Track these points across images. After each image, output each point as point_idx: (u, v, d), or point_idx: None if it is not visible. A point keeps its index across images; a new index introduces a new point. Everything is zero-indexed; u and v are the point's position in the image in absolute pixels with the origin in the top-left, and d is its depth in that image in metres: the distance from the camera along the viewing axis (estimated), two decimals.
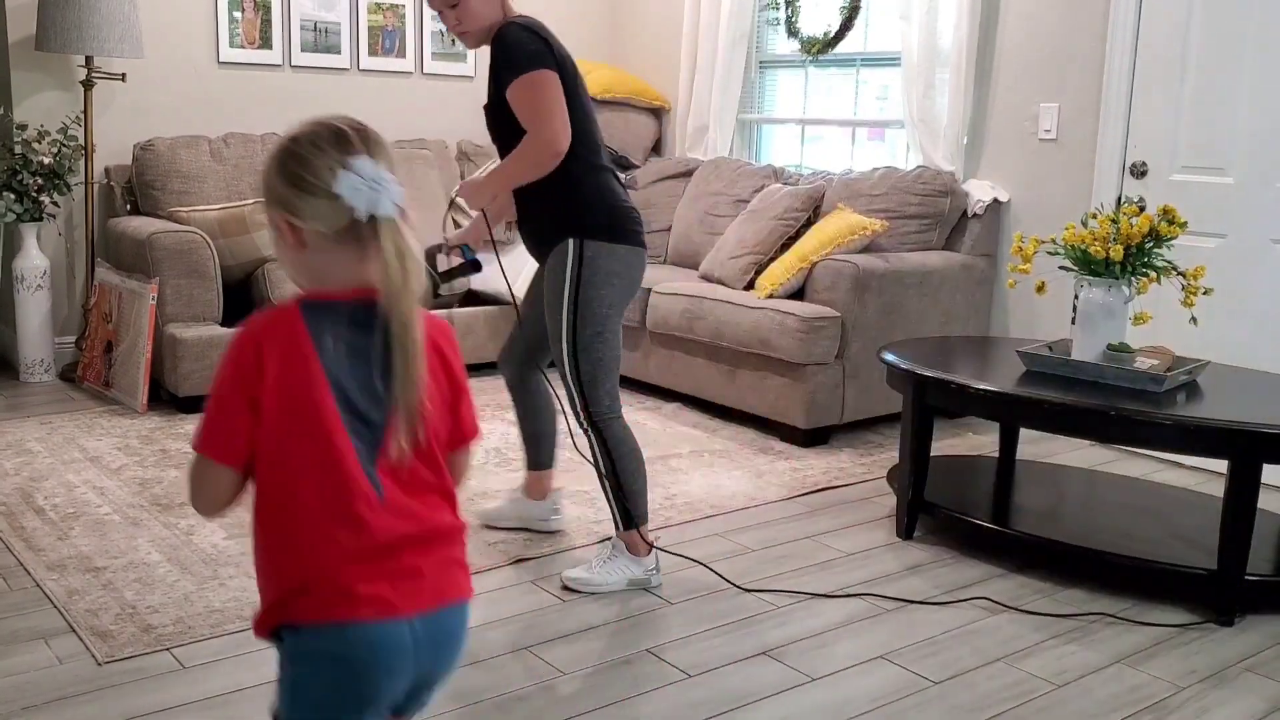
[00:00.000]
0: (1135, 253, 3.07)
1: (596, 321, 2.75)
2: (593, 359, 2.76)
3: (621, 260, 2.77)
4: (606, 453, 2.80)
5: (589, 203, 2.75)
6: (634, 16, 6.16)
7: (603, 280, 2.74)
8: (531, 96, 2.61)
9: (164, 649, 2.48)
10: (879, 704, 2.37)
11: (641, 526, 2.85)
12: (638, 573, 2.86)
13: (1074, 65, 4.35)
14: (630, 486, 2.82)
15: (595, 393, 2.78)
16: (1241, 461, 2.73)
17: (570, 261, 2.73)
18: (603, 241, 2.74)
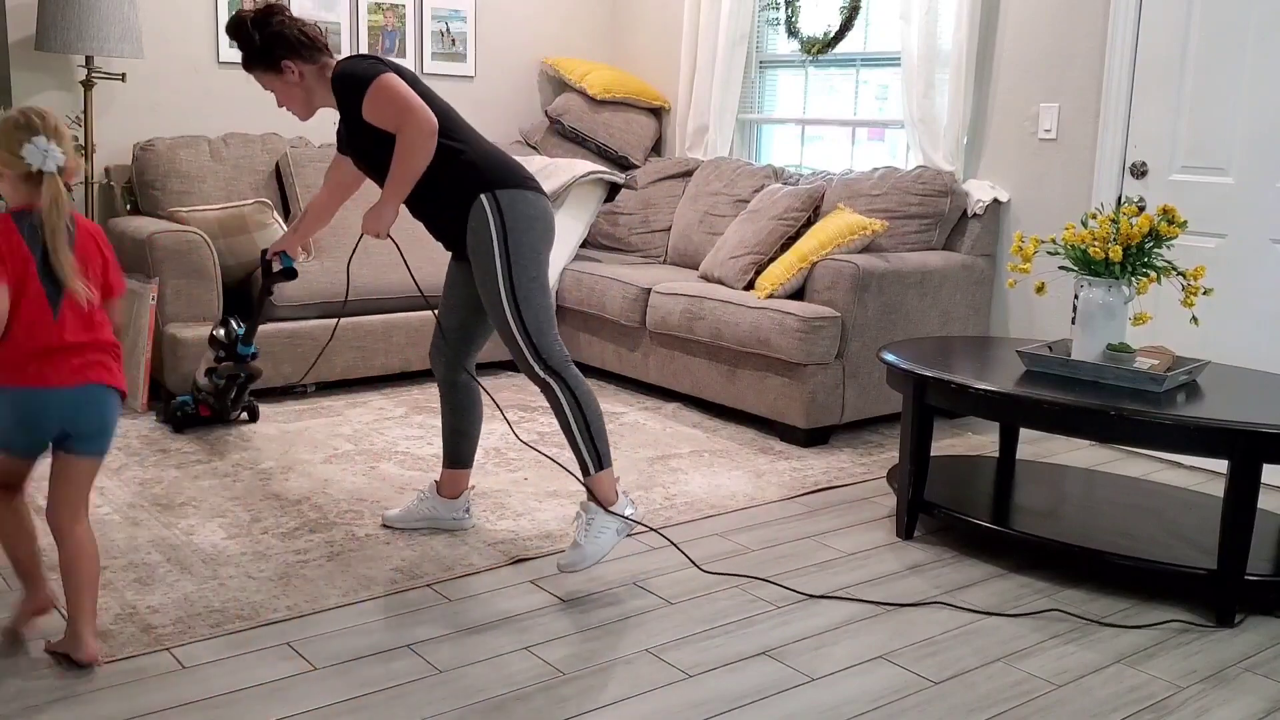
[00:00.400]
0: (1135, 253, 3.07)
1: (530, 266, 2.78)
2: (534, 306, 2.78)
3: (534, 205, 2.82)
4: (571, 395, 2.81)
5: (483, 162, 2.82)
6: (634, 16, 6.16)
7: (526, 225, 2.79)
8: (385, 97, 2.71)
9: (164, 649, 2.48)
10: (879, 704, 2.37)
11: (609, 468, 2.86)
12: (618, 524, 2.86)
13: (1074, 65, 4.35)
14: (596, 425, 2.83)
15: (545, 340, 2.80)
16: (1241, 461, 2.73)
17: (490, 215, 2.77)
18: (513, 188, 2.80)
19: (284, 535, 3.15)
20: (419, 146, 2.69)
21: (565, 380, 2.81)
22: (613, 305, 4.81)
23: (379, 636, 2.58)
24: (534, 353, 2.80)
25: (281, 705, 2.27)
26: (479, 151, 2.85)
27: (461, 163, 2.81)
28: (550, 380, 2.81)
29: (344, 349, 4.62)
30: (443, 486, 3.18)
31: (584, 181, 5.08)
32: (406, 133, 2.68)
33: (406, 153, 2.70)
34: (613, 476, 2.88)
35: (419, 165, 2.72)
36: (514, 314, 2.78)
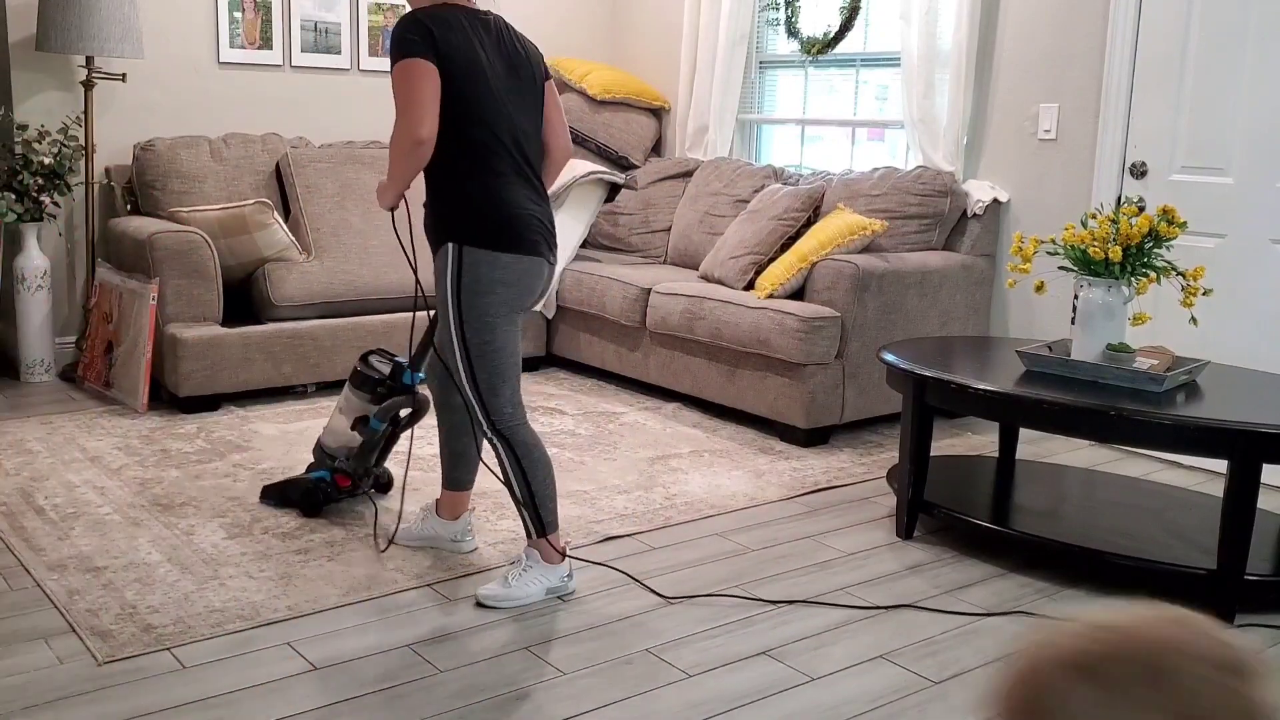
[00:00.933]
0: (1135, 253, 3.07)
1: (484, 330, 2.67)
2: (488, 367, 2.68)
3: (505, 268, 2.65)
4: (515, 460, 2.72)
5: (474, 207, 2.64)
6: (634, 16, 6.16)
7: (485, 288, 2.64)
8: (401, 83, 2.56)
9: (164, 649, 2.48)
10: (879, 704, 2.37)
11: (552, 535, 2.78)
12: (554, 580, 2.79)
13: (1074, 65, 4.35)
14: (541, 493, 2.74)
15: (495, 401, 2.70)
16: (1241, 461, 2.73)
17: (450, 267, 2.65)
18: (483, 249, 2.63)
19: (284, 535, 3.15)
20: (400, 151, 2.58)
21: (511, 445, 2.71)
22: (613, 305, 4.81)
23: (379, 636, 2.58)
24: (483, 412, 2.71)
25: (281, 705, 2.28)
26: (483, 193, 2.64)
27: (454, 199, 2.66)
28: (496, 442, 2.72)
29: (345, 349, 4.62)
30: (441, 507, 3.09)
31: (584, 181, 5.08)
32: (396, 131, 2.59)
33: (392, 153, 2.62)
34: (558, 542, 2.80)
35: (401, 168, 2.61)
36: (466, 370, 2.70)
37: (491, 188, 2.65)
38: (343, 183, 4.85)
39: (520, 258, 2.66)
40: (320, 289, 4.60)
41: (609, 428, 4.32)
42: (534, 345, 5.20)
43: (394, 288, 4.80)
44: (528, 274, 2.69)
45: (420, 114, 2.54)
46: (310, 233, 4.71)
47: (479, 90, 2.63)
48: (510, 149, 2.69)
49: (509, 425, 2.72)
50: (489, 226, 2.63)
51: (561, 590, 2.81)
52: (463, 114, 2.61)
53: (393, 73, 2.57)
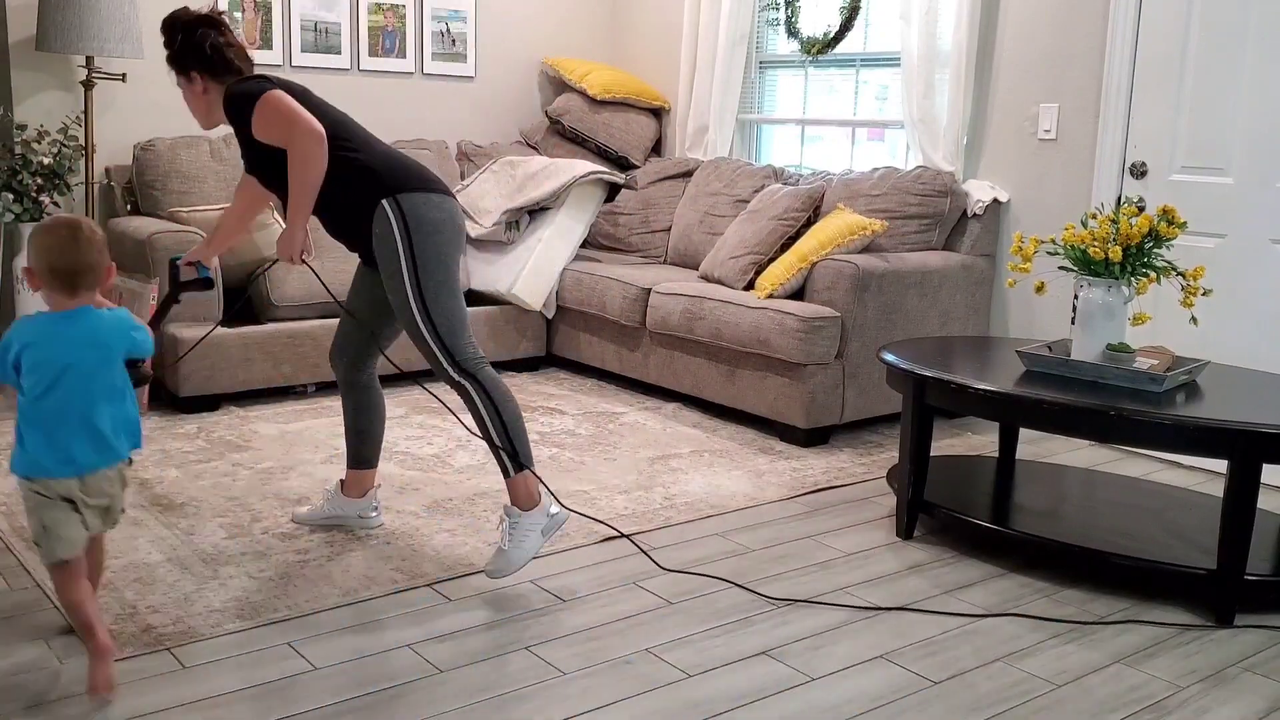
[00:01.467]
0: (1135, 253, 3.07)
1: (438, 271, 2.77)
2: (444, 310, 2.78)
3: (439, 208, 2.80)
4: (487, 396, 2.79)
5: (383, 167, 2.81)
6: (634, 16, 6.16)
7: (431, 229, 2.77)
8: (270, 112, 2.70)
9: (164, 649, 2.48)
10: (879, 704, 2.37)
11: (530, 468, 2.83)
12: (543, 521, 2.85)
13: (1074, 65, 4.35)
14: (515, 426, 2.81)
15: (458, 342, 2.79)
16: (1241, 461, 2.73)
17: (394, 220, 2.76)
18: (416, 192, 2.79)
19: (284, 535, 3.15)
20: (310, 156, 2.68)
21: (480, 381, 2.79)
22: (613, 305, 4.81)
23: (379, 636, 2.58)
24: (447, 355, 2.78)
25: (281, 705, 2.27)
26: (377, 157, 2.83)
27: (359, 169, 2.80)
28: (464, 382, 2.79)
29: None
30: (347, 486, 3.17)
31: (584, 181, 5.08)
32: (296, 144, 2.68)
33: (299, 165, 2.69)
34: (533, 480, 2.85)
35: (315, 176, 2.70)
36: (424, 318, 2.78)
37: (380, 148, 2.86)
38: None
39: (445, 197, 2.83)
40: (320, 289, 4.60)
41: (609, 428, 4.32)
42: (534, 345, 5.20)
43: None
44: (455, 213, 2.84)
45: (306, 118, 2.67)
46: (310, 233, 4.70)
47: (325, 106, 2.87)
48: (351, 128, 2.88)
49: (474, 363, 2.80)
50: (405, 176, 2.81)
51: (556, 526, 2.88)
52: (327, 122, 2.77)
53: (256, 116, 2.71)
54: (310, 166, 2.69)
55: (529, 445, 2.85)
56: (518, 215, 5.10)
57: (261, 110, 2.71)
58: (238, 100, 2.76)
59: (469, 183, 5.34)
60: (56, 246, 2.21)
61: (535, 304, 5.02)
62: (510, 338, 5.10)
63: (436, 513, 3.36)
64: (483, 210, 5.17)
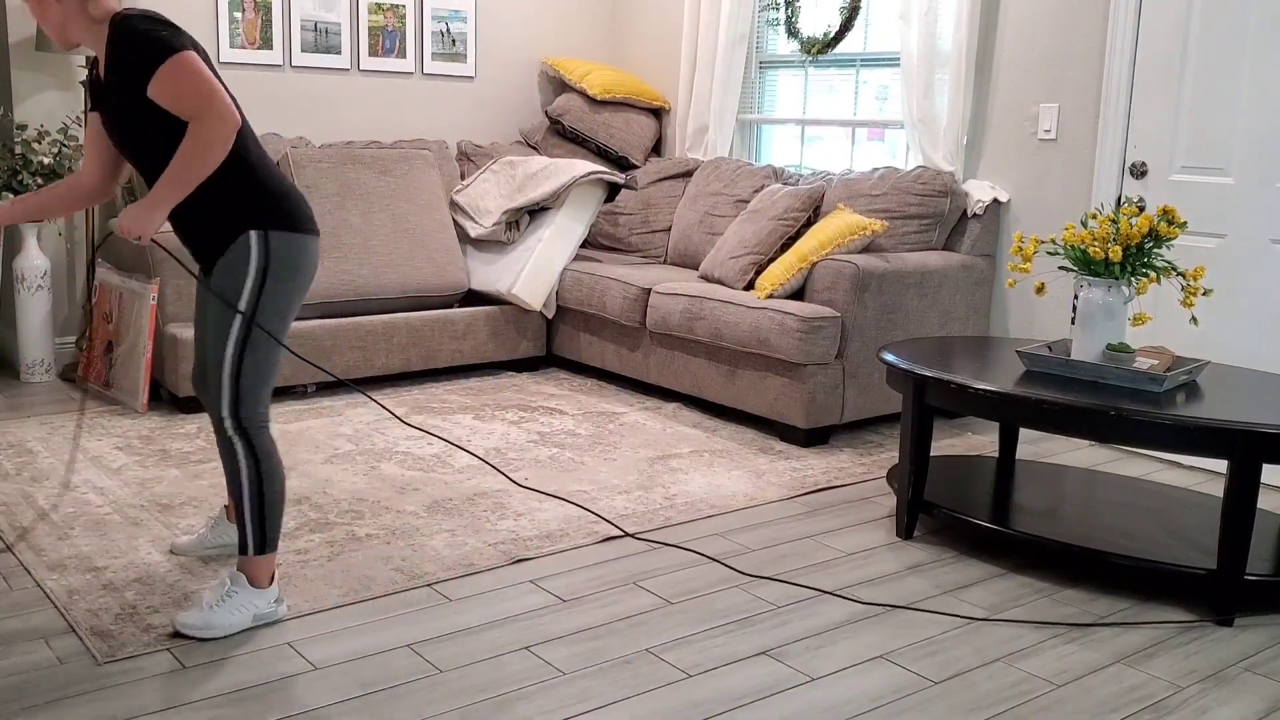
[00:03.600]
0: (1135, 253, 3.08)
1: (275, 319, 2.52)
2: (259, 359, 2.51)
3: (305, 252, 2.54)
4: (254, 463, 2.54)
5: (268, 188, 2.50)
6: (634, 16, 6.16)
7: (287, 274, 2.51)
8: (187, 78, 2.33)
9: (164, 649, 2.48)
10: (879, 704, 2.37)
11: (273, 553, 2.61)
12: (262, 606, 2.60)
13: (1074, 65, 4.35)
14: (273, 506, 2.57)
15: (254, 395, 2.53)
16: (1241, 461, 2.73)
17: (255, 255, 2.47)
18: (286, 231, 2.50)
19: (284, 535, 3.15)
20: (216, 144, 2.34)
21: (253, 448, 2.54)
22: (613, 305, 4.81)
23: (379, 636, 2.58)
24: (232, 405, 2.51)
25: (281, 705, 2.28)
26: (270, 175, 2.53)
27: (246, 185, 2.49)
28: (236, 439, 2.53)
29: (345, 349, 4.62)
30: (231, 512, 2.96)
31: (584, 181, 5.08)
32: (206, 125, 2.33)
33: (200, 149, 2.34)
34: (272, 563, 2.61)
35: (210, 166, 2.36)
36: (234, 361, 2.49)
37: (271, 168, 2.56)
38: (343, 183, 4.85)
39: (314, 239, 2.57)
40: (320, 289, 4.60)
41: (609, 428, 4.32)
42: (534, 345, 5.20)
43: (394, 288, 4.80)
44: (314, 257, 2.59)
45: (226, 101, 2.36)
46: None
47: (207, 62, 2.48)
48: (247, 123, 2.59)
49: (256, 425, 2.54)
50: (285, 208, 2.52)
51: (270, 617, 2.62)
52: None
53: (164, 74, 2.34)
54: (210, 155, 2.35)
55: (279, 529, 2.60)
56: (518, 215, 5.10)
57: (175, 71, 2.33)
58: (144, 42, 2.35)
59: (469, 183, 5.34)
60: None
61: (535, 304, 5.02)
62: (510, 338, 5.10)
63: (436, 513, 3.36)
64: (483, 210, 5.17)
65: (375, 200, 4.89)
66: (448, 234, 5.05)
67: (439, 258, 4.95)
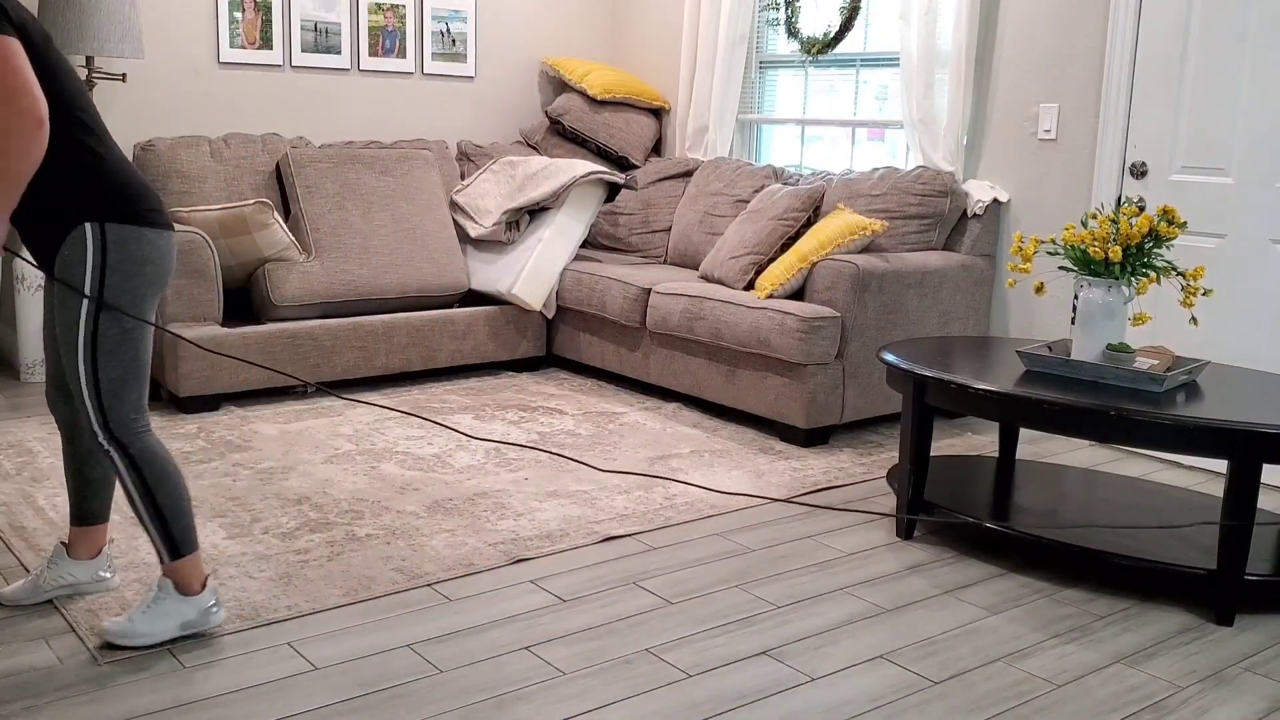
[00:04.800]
0: (1135, 253, 3.08)
1: (124, 318, 2.34)
2: (118, 363, 2.34)
3: (151, 245, 2.36)
4: (137, 473, 2.38)
5: (106, 178, 2.33)
6: (634, 16, 6.16)
7: (133, 268, 2.33)
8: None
9: (164, 649, 2.48)
10: (879, 704, 2.37)
11: (190, 558, 2.45)
12: (190, 614, 2.46)
13: (1074, 65, 4.35)
14: (171, 508, 2.41)
15: (118, 404, 2.35)
16: (1241, 461, 2.73)
17: (91, 249, 2.30)
18: (128, 224, 2.33)
19: (284, 535, 3.15)
20: (23, 145, 2.16)
21: (131, 456, 2.37)
22: (613, 305, 4.81)
23: (379, 636, 2.58)
24: (100, 417, 2.35)
25: (281, 705, 2.28)
26: (110, 162, 2.35)
27: (80, 173, 2.31)
28: (111, 449, 2.36)
29: (345, 349, 4.62)
30: (74, 547, 2.67)
31: (584, 181, 5.08)
32: (10, 124, 2.15)
33: (6, 153, 2.16)
34: (197, 566, 2.46)
35: (23, 169, 2.18)
36: (87, 366, 2.33)
37: (114, 157, 2.37)
38: (343, 183, 4.85)
39: (160, 232, 2.39)
40: (320, 289, 4.60)
41: (609, 428, 4.32)
42: (534, 345, 5.20)
43: (394, 288, 4.80)
44: (167, 252, 2.41)
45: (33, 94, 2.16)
46: (310, 233, 4.71)
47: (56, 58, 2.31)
48: (92, 110, 2.39)
49: (129, 432, 2.37)
50: (127, 197, 2.34)
51: (201, 626, 2.48)
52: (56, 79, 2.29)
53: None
54: (18, 157, 2.16)
55: (191, 529, 2.45)
56: (518, 215, 5.10)
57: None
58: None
59: (469, 183, 5.34)
60: None
61: (535, 304, 5.02)
62: (510, 338, 5.10)
63: (436, 513, 3.36)
64: (483, 210, 5.17)
65: (375, 200, 4.89)
66: (448, 234, 5.05)
67: (439, 258, 4.95)
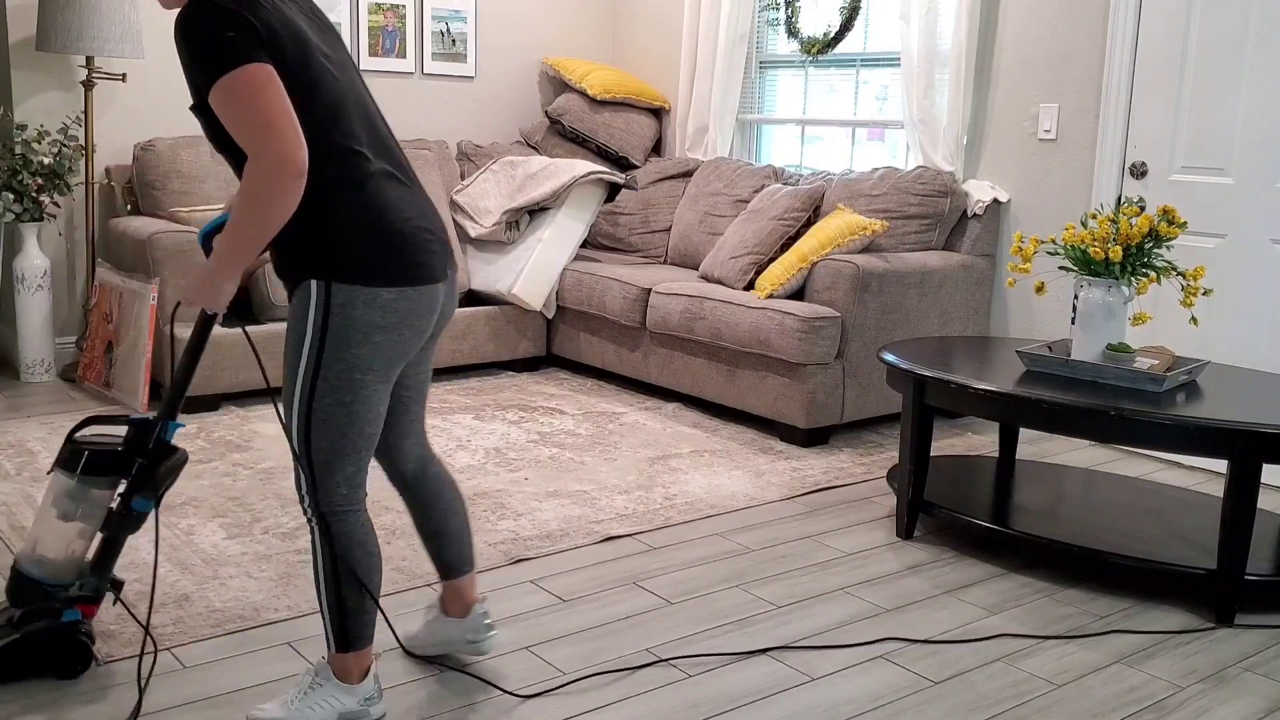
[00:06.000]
0: (1135, 253, 3.08)
1: (342, 388, 2.03)
2: (331, 434, 2.05)
3: (388, 310, 2.02)
4: (330, 553, 2.09)
5: (344, 228, 2.00)
6: (634, 16, 6.16)
7: (358, 337, 2.01)
8: (241, 102, 1.87)
9: (164, 649, 2.48)
10: (879, 704, 2.37)
11: (361, 650, 2.17)
12: (350, 705, 2.18)
13: (1074, 65, 4.35)
14: (352, 604, 2.12)
15: (328, 477, 2.07)
16: (1241, 461, 2.73)
17: (313, 309, 2.01)
18: (359, 285, 2.00)
19: (284, 535, 3.15)
20: (274, 198, 1.89)
21: (330, 534, 2.09)
22: (613, 305, 4.81)
23: (379, 636, 2.58)
24: (309, 483, 2.08)
25: None
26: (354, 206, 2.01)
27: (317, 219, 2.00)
28: (312, 521, 2.10)
29: None
30: (446, 602, 2.46)
31: (584, 181, 5.08)
32: (258, 168, 1.87)
33: (255, 200, 1.89)
34: (365, 662, 2.18)
35: (269, 220, 1.91)
36: (302, 432, 2.06)
37: (367, 198, 2.03)
38: None
39: (406, 290, 2.04)
40: None
41: (609, 428, 4.32)
42: (534, 345, 5.20)
43: None
44: (417, 310, 2.07)
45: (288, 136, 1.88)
46: None
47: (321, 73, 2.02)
48: (366, 139, 2.07)
49: (335, 509, 2.09)
50: (366, 254, 2.01)
51: (360, 716, 2.20)
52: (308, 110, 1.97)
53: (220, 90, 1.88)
54: (271, 208, 1.90)
55: (369, 625, 2.17)
56: (518, 215, 5.10)
57: (231, 91, 1.87)
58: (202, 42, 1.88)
59: (469, 183, 5.34)
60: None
61: (535, 304, 5.02)
62: (510, 338, 5.10)
63: None
64: (483, 210, 5.17)
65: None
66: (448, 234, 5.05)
67: None
